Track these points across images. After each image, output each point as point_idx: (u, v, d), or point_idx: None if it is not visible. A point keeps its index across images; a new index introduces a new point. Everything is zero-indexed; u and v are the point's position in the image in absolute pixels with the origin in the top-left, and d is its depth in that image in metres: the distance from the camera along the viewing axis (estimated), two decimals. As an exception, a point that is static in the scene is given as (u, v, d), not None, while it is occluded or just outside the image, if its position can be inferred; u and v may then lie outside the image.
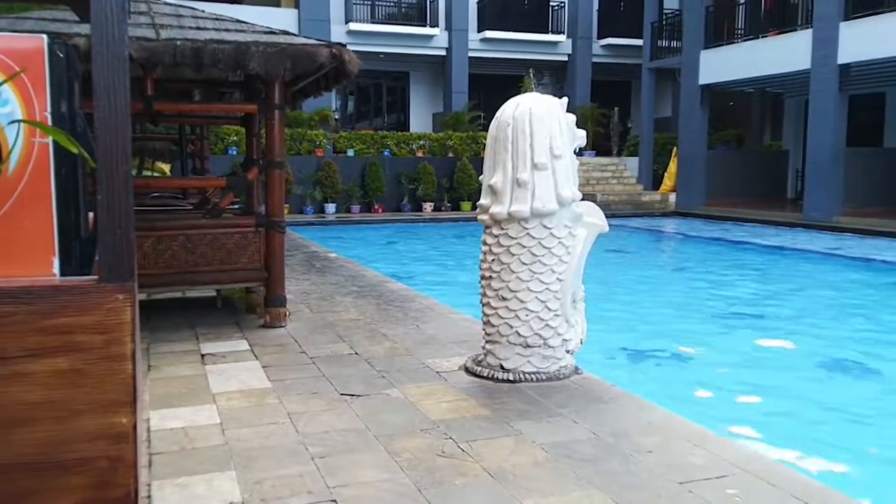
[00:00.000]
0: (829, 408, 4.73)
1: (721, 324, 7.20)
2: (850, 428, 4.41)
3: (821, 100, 15.15)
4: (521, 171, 3.65)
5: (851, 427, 4.42)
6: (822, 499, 2.49)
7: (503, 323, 3.78)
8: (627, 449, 2.90)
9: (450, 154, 18.80)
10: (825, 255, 11.78)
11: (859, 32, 14.19)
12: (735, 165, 19.55)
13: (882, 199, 15.50)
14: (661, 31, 20.99)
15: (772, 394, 5.01)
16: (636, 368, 5.66)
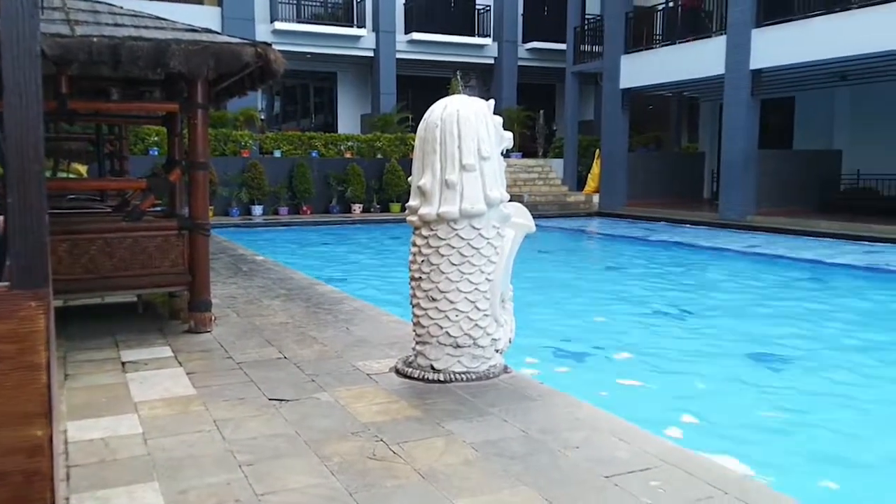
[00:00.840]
0: (748, 399, 4.93)
1: (644, 320, 7.42)
2: (767, 418, 4.61)
3: (734, 104, 15.80)
4: (449, 173, 3.67)
5: (769, 417, 4.62)
6: (739, 487, 2.60)
7: (433, 324, 3.80)
8: (556, 445, 2.96)
9: (378, 155, 18.74)
10: (740, 253, 12.29)
11: (770, 39, 14.87)
12: (655, 167, 20.18)
13: (792, 199, 16.27)
14: (583, 35, 21.47)
15: (694, 387, 5.20)
16: (564, 365, 5.77)
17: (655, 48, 18.51)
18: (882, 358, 5.98)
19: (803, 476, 3.71)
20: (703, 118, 21.87)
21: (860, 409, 4.74)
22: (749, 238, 13.81)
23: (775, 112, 18.66)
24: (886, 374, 5.55)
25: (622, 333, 6.82)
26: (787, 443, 4.21)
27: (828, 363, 5.80)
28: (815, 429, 4.42)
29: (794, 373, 5.60)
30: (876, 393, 5.08)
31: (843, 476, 3.77)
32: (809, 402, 4.87)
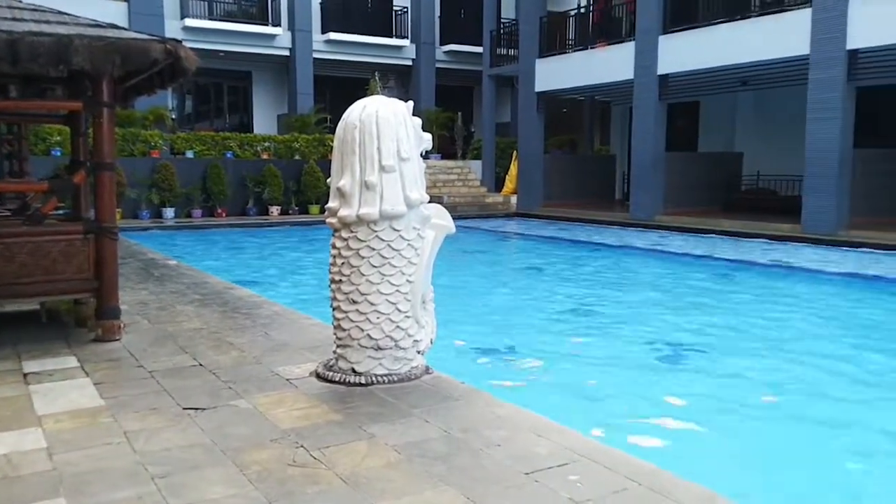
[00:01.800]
0: (656, 391, 5.10)
1: (560, 318, 7.58)
2: (676, 409, 4.78)
3: (643, 107, 16.37)
4: (369, 174, 3.65)
5: (678, 408, 4.80)
6: (653, 478, 2.69)
7: (354, 326, 3.77)
8: (477, 444, 2.98)
9: (296, 156, 18.45)
10: (649, 251, 12.73)
11: (676, 46, 15.48)
12: (569, 169, 20.66)
13: (698, 199, 16.98)
14: (499, 39, 21.77)
15: (608, 381, 5.35)
16: (485, 365, 5.83)
17: (569, 53, 18.97)
18: (784, 348, 6.31)
19: (709, 464, 3.87)
20: (615, 121, 22.57)
21: (763, 400, 4.99)
22: (657, 237, 14.33)
23: (681, 116, 19.44)
24: (788, 365, 5.86)
25: (540, 332, 6.95)
26: (696, 434, 4.38)
27: (732, 355, 6.08)
28: (723, 420, 4.62)
29: (701, 365, 5.84)
30: (778, 383, 5.35)
31: (749, 463, 3.96)
32: (716, 394, 5.09)
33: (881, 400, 5.00)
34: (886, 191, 13.81)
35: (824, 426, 4.49)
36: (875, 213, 13.39)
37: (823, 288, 9.52)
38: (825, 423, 4.55)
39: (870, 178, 13.39)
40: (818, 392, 5.12)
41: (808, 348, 6.37)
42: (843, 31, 12.38)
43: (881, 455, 4.08)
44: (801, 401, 4.96)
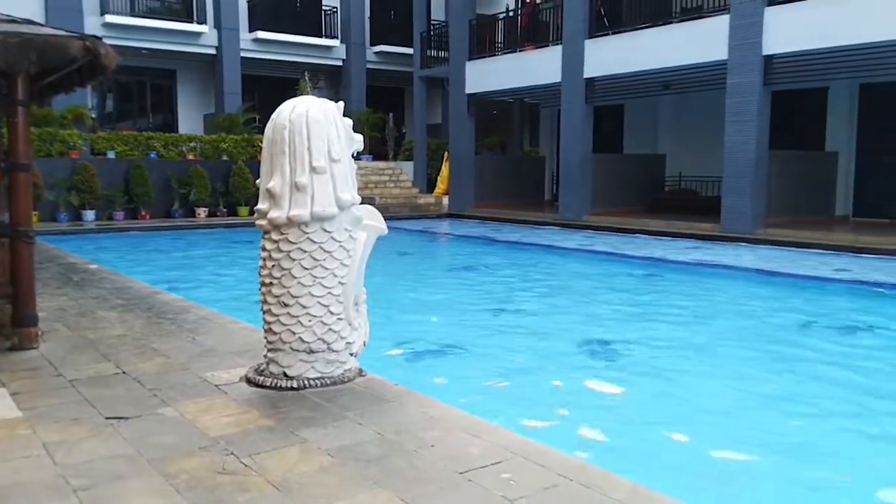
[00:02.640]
0: (587, 388, 5.22)
1: (492, 318, 7.66)
2: (606, 406, 4.90)
3: (570, 110, 16.70)
4: (299, 175, 3.61)
5: (607, 404, 4.92)
6: (583, 474, 2.75)
7: (285, 329, 3.72)
8: (411, 445, 2.99)
9: (224, 157, 18.05)
10: (577, 251, 13.00)
11: (600, 50, 15.86)
12: (500, 170, 20.89)
13: (624, 200, 17.43)
14: (429, 41, 21.83)
15: (540, 379, 5.43)
16: (418, 365, 5.84)
17: (498, 55, 19.18)
18: (705, 344, 6.54)
19: (641, 458, 3.98)
20: (543, 123, 22.94)
21: (690, 394, 5.16)
22: (585, 237, 14.64)
23: (607, 118, 19.91)
24: (711, 358, 6.08)
25: (472, 331, 7.01)
26: (624, 429, 4.49)
27: (657, 351, 6.26)
28: (652, 413, 4.76)
29: (628, 361, 5.99)
30: (702, 377, 5.54)
31: (678, 455, 4.09)
32: (644, 389, 5.23)
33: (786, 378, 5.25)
34: (800, 191, 14.48)
35: (753, 416, 4.68)
36: (789, 213, 14.02)
37: (738, 284, 9.91)
38: (754, 412, 4.74)
39: (784, 178, 14.01)
40: (745, 383, 5.33)
41: (730, 343, 6.62)
42: (758, 37, 12.93)
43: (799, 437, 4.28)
44: (732, 393, 5.15)
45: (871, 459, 4.02)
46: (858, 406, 4.86)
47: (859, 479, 3.75)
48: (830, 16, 12.06)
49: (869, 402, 4.93)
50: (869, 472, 3.86)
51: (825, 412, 4.76)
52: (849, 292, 8.93)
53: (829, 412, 4.76)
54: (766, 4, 12.85)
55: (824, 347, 6.40)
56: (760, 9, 12.88)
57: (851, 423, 4.55)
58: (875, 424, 4.54)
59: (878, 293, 8.69)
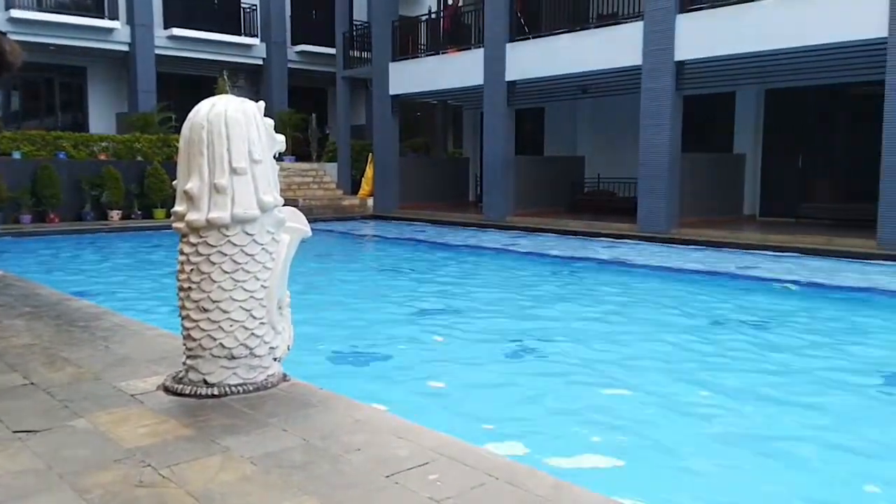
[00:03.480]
0: (514, 386, 5.28)
1: (417, 318, 7.67)
2: (529, 402, 4.97)
3: (492, 113, 16.91)
4: (218, 177, 3.51)
5: (530, 401, 4.99)
6: (510, 472, 2.78)
7: (205, 335, 3.61)
8: (337, 450, 2.96)
9: (139, 158, 17.43)
10: (501, 251, 13.17)
11: (521, 54, 16.12)
12: (424, 171, 20.96)
13: (545, 201, 17.76)
14: (352, 41, 21.69)
15: (466, 379, 5.47)
16: (344, 368, 5.79)
17: (421, 57, 19.23)
18: (631, 342, 6.73)
19: (561, 452, 4.06)
20: (467, 125, 23.13)
21: (610, 389, 5.29)
22: (509, 237, 14.84)
23: (529, 121, 20.25)
24: (632, 353, 6.26)
25: (397, 332, 6.99)
26: (549, 425, 4.58)
27: (579, 347, 6.40)
28: (573, 409, 4.86)
29: (552, 358, 6.10)
30: (622, 372, 5.70)
31: (602, 450, 4.19)
32: (567, 385, 5.34)
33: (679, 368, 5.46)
34: (711, 192, 15.10)
35: (674, 410, 4.84)
36: (701, 213, 14.59)
37: (654, 281, 10.25)
38: (675, 407, 4.90)
39: (696, 180, 14.58)
40: (665, 377, 5.51)
41: (649, 339, 6.83)
42: (670, 43, 13.40)
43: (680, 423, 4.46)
44: (643, 387, 5.31)
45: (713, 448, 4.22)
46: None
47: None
48: (737, 24, 12.63)
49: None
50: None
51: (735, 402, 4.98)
52: (758, 289, 9.35)
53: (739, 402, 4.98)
54: (678, 12, 13.34)
55: (730, 340, 6.69)
56: (672, 16, 13.36)
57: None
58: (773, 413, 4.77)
59: (784, 289, 9.14)
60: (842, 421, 4.64)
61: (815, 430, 4.45)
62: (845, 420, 4.67)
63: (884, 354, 6.43)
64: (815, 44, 11.76)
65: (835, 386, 5.35)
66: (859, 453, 4.12)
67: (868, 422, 4.65)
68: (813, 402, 4.96)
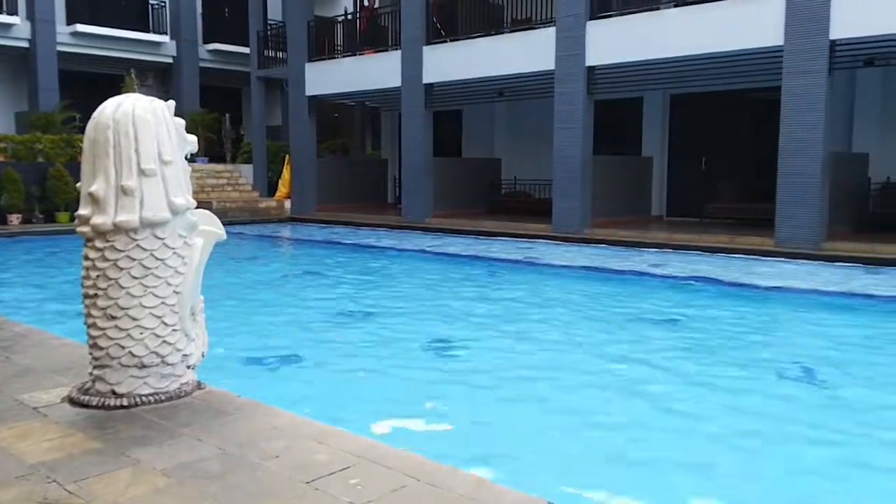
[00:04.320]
0: (432, 388, 5.31)
1: (337, 321, 7.60)
2: (450, 402, 5.01)
3: (411, 115, 16.94)
4: (126, 178, 3.39)
5: (451, 401, 5.03)
6: (430, 472, 2.80)
7: (113, 344, 3.48)
8: (255, 457, 2.90)
9: (40, 159, 16.57)
10: (421, 252, 13.20)
11: (438, 56, 16.22)
12: (343, 173, 20.79)
13: (463, 202, 17.90)
14: (267, 41, 21.30)
15: (387, 381, 5.46)
16: (261, 374, 5.67)
17: (338, 58, 19.07)
18: (537, 336, 6.87)
19: (484, 451, 4.11)
20: (385, 127, 23.08)
21: (530, 386, 5.39)
22: (428, 238, 14.90)
23: (447, 123, 20.39)
24: (539, 349, 6.39)
25: (316, 336, 6.92)
26: (471, 425, 4.62)
27: (496, 346, 6.50)
28: (494, 408, 4.92)
29: (471, 358, 6.17)
30: (546, 368, 5.81)
31: (517, 448, 4.26)
32: (487, 385, 5.40)
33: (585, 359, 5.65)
34: (621, 193, 15.58)
35: (582, 406, 4.96)
36: (612, 214, 15.04)
37: (568, 282, 10.51)
38: (580, 404, 5.02)
39: (607, 182, 15.02)
40: (574, 375, 5.65)
41: (566, 338, 6.99)
42: (582, 49, 13.77)
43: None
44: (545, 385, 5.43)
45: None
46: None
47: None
48: (642, 32, 13.10)
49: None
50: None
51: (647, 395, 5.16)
52: (665, 286, 9.71)
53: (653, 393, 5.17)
54: (588, 19, 13.72)
55: (639, 336, 6.93)
56: (583, 23, 13.72)
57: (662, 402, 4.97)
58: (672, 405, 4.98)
59: (689, 286, 9.53)
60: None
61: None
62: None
63: (781, 348, 6.80)
64: (717, 51, 12.32)
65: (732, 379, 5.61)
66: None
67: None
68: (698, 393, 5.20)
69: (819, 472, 3.91)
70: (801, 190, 11.44)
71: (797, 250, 11.26)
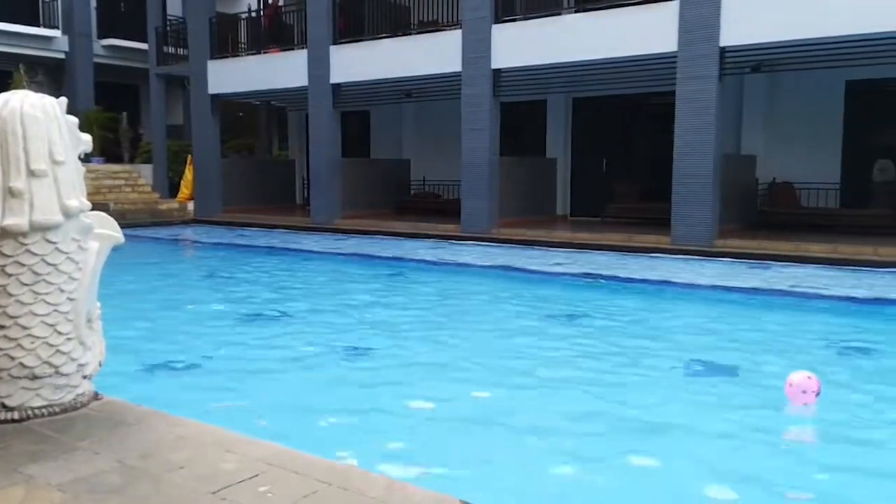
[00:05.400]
0: (343, 390, 5.27)
1: (244, 326, 7.42)
2: (357, 405, 4.99)
3: (318, 115, 16.75)
4: (14, 180, 3.20)
5: (359, 405, 5.01)
6: (340, 476, 2.78)
7: (2, 355, 3.28)
8: (157, 469, 2.80)
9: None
10: (330, 254, 13.09)
11: (345, 57, 16.11)
12: (249, 173, 20.32)
13: (373, 203, 17.84)
14: (166, 37, 20.58)
15: (293, 385, 5.38)
16: (165, 383, 5.48)
17: (242, 56, 18.64)
18: (456, 341, 6.94)
19: (388, 451, 4.12)
20: (292, 127, 22.71)
21: (447, 386, 5.43)
22: (337, 240, 14.78)
23: (355, 123, 20.27)
24: (448, 346, 6.46)
25: (220, 341, 6.73)
26: (382, 428, 4.62)
27: (409, 348, 6.52)
28: (407, 410, 4.94)
29: (371, 359, 6.16)
30: (447, 371, 5.87)
31: (425, 448, 4.29)
32: (391, 386, 5.42)
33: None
34: (527, 193, 15.90)
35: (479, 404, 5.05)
36: (519, 214, 15.35)
37: (475, 279, 10.69)
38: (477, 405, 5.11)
39: (514, 182, 15.31)
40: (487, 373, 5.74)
41: (472, 336, 7.09)
42: (487, 52, 13.99)
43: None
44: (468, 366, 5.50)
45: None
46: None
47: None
48: (545, 36, 13.44)
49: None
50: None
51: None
52: (568, 284, 10.00)
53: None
54: (494, 22, 13.95)
55: (545, 333, 7.12)
56: (488, 26, 13.94)
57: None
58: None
59: (593, 284, 9.85)
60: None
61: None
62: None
63: (667, 342, 7.13)
64: (615, 56, 12.78)
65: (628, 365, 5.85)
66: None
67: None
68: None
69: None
70: (695, 190, 12.02)
71: (691, 247, 11.82)
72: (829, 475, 3.91)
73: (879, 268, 10.09)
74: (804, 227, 12.91)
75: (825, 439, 4.58)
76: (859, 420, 4.74)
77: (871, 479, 3.85)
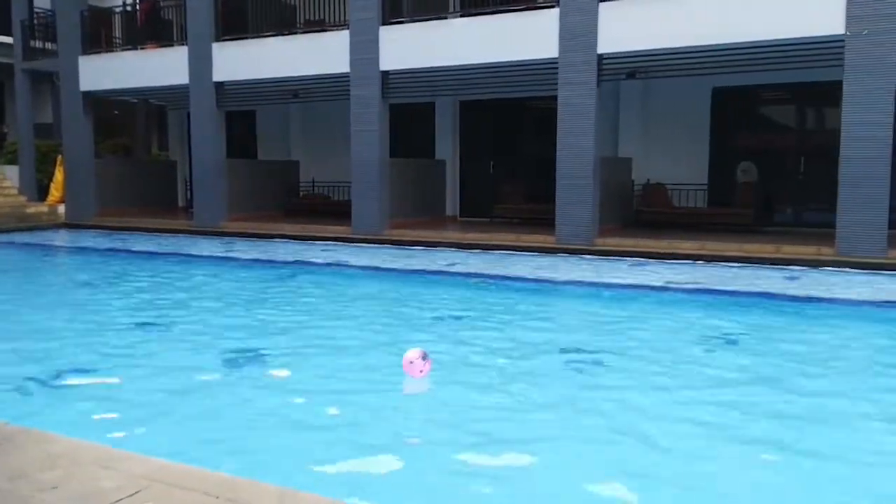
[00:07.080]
0: (243, 403, 5.17)
1: (123, 335, 7.11)
2: (248, 413, 4.90)
3: (201, 114, 16.22)
4: None
5: (258, 407, 4.92)
6: (231, 488, 2.75)
7: None
8: (28, 490, 2.68)
9: None
10: (216, 258, 12.73)
11: (229, 55, 15.69)
12: (127, 175, 19.40)
13: (260, 205, 17.44)
14: (33, 30, 19.33)
15: (181, 396, 5.22)
16: (35, 398, 5.18)
17: (117, 52, 17.77)
18: (352, 346, 6.93)
19: (292, 466, 4.09)
20: (172, 126, 21.85)
21: (362, 391, 5.42)
22: (223, 243, 14.38)
23: (240, 123, 19.76)
24: (346, 348, 6.46)
25: (101, 351, 6.43)
26: (275, 435, 4.57)
27: (310, 354, 6.46)
28: (296, 419, 4.90)
29: (285, 364, 6.07)
30: (349, 375, 5.87)
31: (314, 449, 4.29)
32: (285, 393, 5.36)
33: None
34: (417, 195, 16.03)
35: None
36: (409, 215, 15.45)
37: (366, 280, 10.71)
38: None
39: (404, 183, 15.40)
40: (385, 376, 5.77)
41: (348, 331, 7.10)
42: (376, 53, 13.99)
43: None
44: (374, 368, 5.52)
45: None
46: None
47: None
48: (433, 39, 13.61)
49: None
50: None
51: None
52: (460, 284, 10.19)
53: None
54: (381, 24, 13.97)
55: (432, 332, 7.25)
56: (376, 28, 13.95)
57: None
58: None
59: (482, 284, 10.09)
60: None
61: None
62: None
63: (553, 335, 7.44)
64: (499, 61, 13.11)
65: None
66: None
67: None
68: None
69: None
70: (576, 191, 12.51)
71: (574, 246, 12.30)
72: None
73: (745, 263, 10.92)
74: (675, 226, 13.71)
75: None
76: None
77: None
